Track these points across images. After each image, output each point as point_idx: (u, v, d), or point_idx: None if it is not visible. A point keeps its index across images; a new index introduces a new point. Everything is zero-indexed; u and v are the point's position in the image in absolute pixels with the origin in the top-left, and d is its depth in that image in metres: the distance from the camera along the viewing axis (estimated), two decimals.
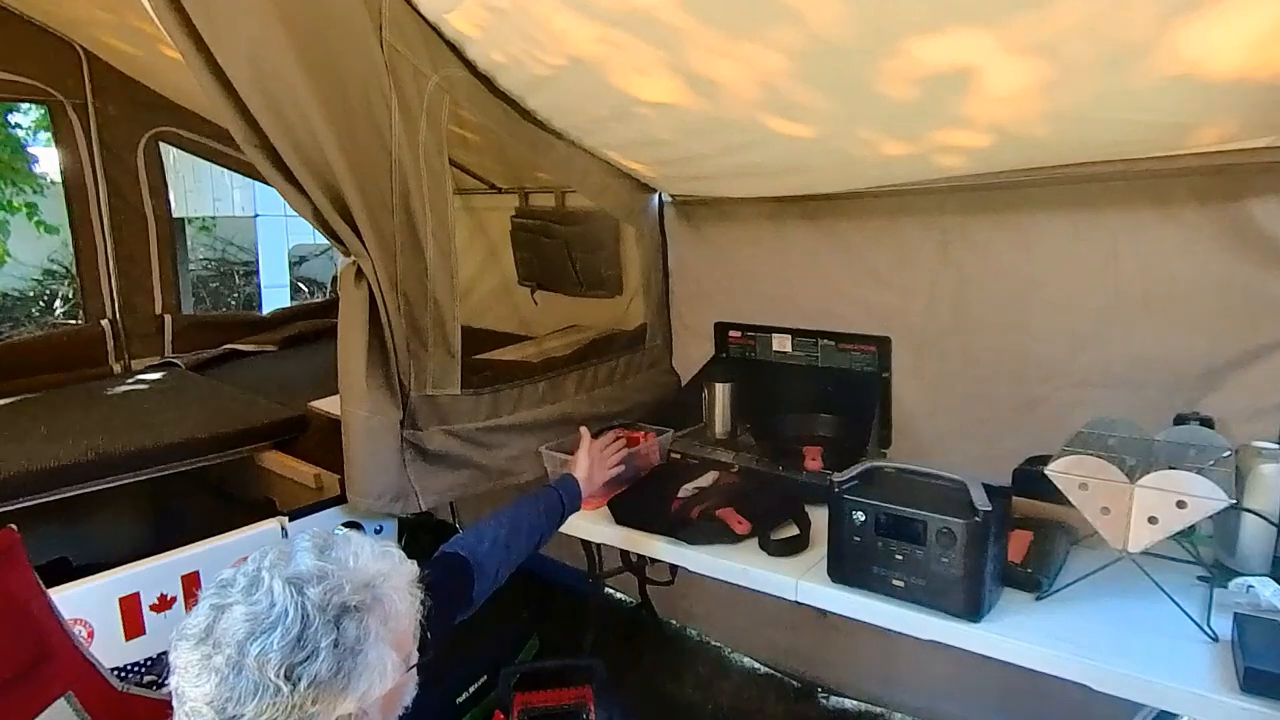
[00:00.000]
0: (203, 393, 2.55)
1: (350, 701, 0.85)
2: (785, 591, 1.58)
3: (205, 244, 8.07)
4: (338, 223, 1.63)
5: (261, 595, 0.84)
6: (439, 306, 1.78)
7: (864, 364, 2.10)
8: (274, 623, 0.82)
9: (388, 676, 0.88)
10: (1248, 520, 1.42)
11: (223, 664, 0.81)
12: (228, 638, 0.82)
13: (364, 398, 1.71)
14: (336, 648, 0.84)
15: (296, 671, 0.81)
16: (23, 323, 6.91)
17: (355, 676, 0.85)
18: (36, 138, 5.99)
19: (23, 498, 1.82)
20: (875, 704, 2.43)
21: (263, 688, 0.80)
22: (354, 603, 0.87)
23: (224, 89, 1.50)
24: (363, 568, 0.91)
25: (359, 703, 0.85)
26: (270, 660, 0.80)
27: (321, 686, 0.82)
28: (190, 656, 0.83)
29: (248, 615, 0.83)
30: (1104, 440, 1.47)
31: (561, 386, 2.14)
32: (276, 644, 0.81)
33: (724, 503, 1.79)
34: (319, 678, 0.82)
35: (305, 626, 0.83)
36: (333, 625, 0.84)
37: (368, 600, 0.89)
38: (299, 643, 0.82)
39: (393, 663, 0.89)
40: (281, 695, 0.80)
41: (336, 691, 0.83)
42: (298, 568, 0.88)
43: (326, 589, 0.86)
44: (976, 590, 1.36)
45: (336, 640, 0.84)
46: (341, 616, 0.85)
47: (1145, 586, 1.37)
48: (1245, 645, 1.22)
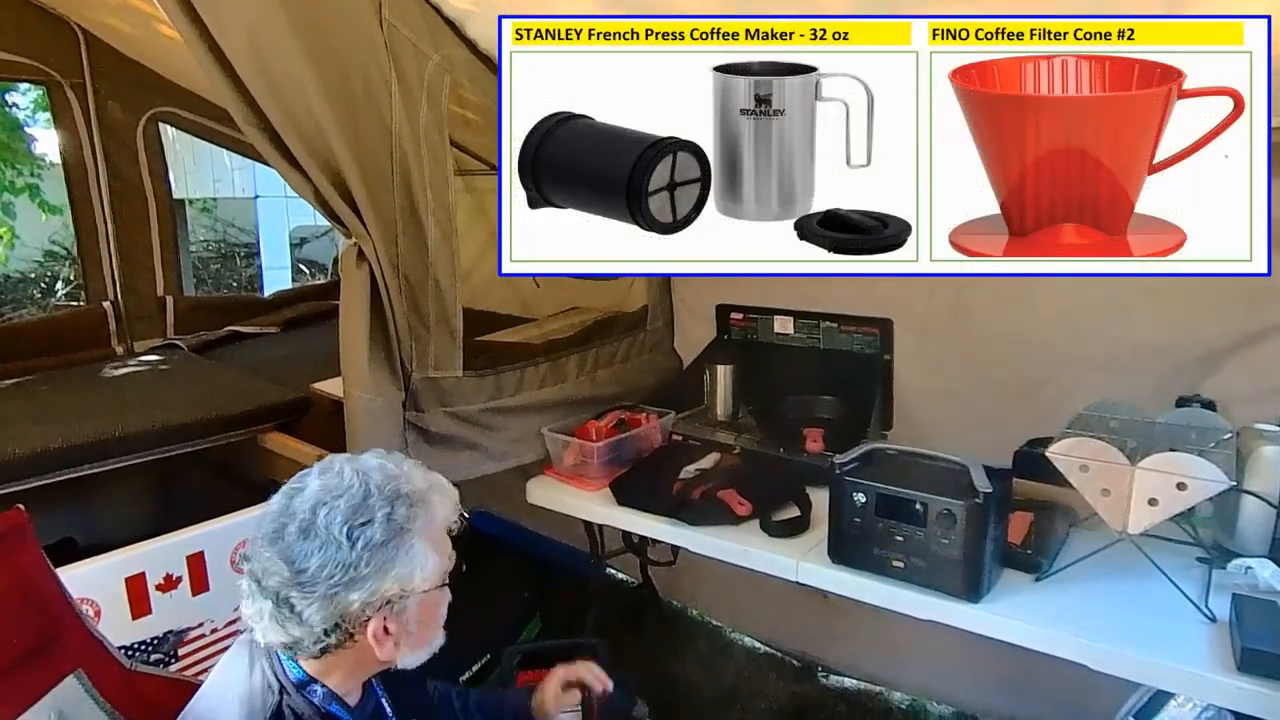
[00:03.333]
0: (205, 374, 2.55)
1: (393, 581, 0.99)
2: (786, 572, 1.59)
3: (206, 225, 8.03)
4: (338, 204, 1.63)
5: (333, 475, 1.02)
6: (440, 288, 1.78)
7: (866, 346, 2.10)
8: (341, 493, 0.99)
9: (428, 572, 1.02)
10: (1247, 502, 1.43)
11: (295, 530, 0.97)
12: (302, 509, 0.99)
13: (366, 380, 1.71)
14: (389, 522, 0.99)
15: (355, 533, 0.97)
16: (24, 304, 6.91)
17: (401, 554, 0.99)
18: (35, 119, 5.95)
19: (28, 479, 1.83)
20: (874, 683, 2.45)
21: (327, 544, 0.96)
22: (406, 492, 1.03)
23: (223, 69, 1.49)
24: (416, 476, 1.07)
25: (401, 585, 1.00)
26: (335, 521, 0.97)
27: (374, 550, 0.97)
28: (267, 529, 0.99)
29: (321, 487, 1.00)
30: (1105, 422, 1.48)
31: (563, 368, 2.14)
32: (342, 508, 0.98)
33: (725, 484, 1.79)
34: (373, 541, 0.97)
35: (366, 498, 0.99)
36: (389, 503, 1.00)
37: (418, 496, 1.04)
38: (360, 510, 0.98)
39: (433, 563, 1.03)
40: (342, 551, 0.96)
41: (385, 561, 0.98)
42: (365, 462, 1.05)
43: (387, 476, 1.03)
44: (976, 571, 1.37)
45: (390, 515, 0.99)
46: (396, 499, 1.01)
47: (1144, 568, 1.38)
48: (1243, 625, 1.23)
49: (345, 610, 0.97)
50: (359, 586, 0.97)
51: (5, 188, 5.69)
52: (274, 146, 1.58)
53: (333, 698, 1.05)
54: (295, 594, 0.96)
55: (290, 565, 0.96)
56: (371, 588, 0.98)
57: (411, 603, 1.02)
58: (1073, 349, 1.82)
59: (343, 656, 1.03)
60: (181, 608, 1.59)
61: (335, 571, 0.95)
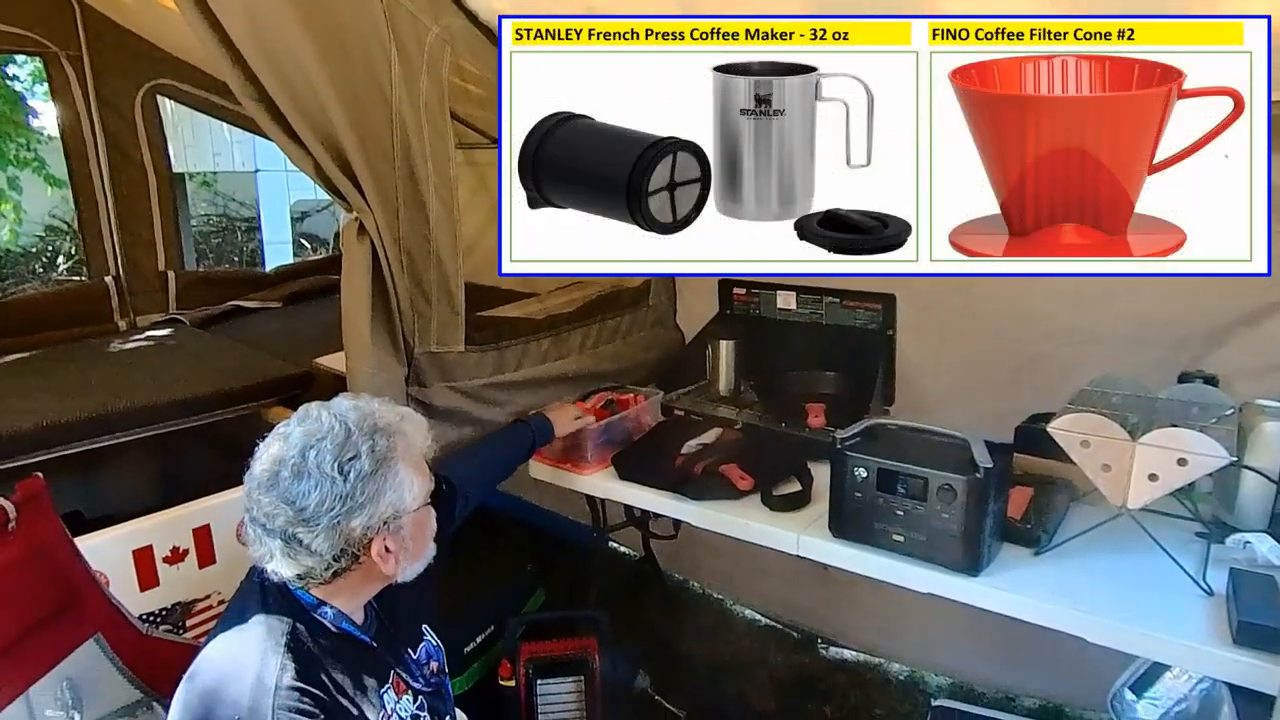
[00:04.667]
0: (209, 349, 2.56)
1: (387, 504, 1.09)
2: (787, 546, 1.60)
3: (206, 199, 8.00)
4: (339, 178, 1.62)
5: (313, 421, 1.11)
6: (442, 262, 1.77)
7: (868, 321, 2.09)
8: (324, 435, 1.08)
9: (415, 492, 1.13)
10: (1248, 477, 1.43)
11: (288, 475, 1.06)
12: (291, 454, 1.07)
13: (368, 354, 1.71)
14: (374, 453, 1.09)
15: (346, 468, 1.07)
16: (26, 279, 6.90)
17: (390, 480, 1.10)
18: (34, 91, 5.89)
19: (35, 453, 1.85)
20: (873, 654, 2.48)
21: (321, 482, 1.05)
22: (382, 424, 1.12)
23: (220, 40, 1.47)
24: (386, 410, 1.16)
25: (394, 507, 1.10)
26: (325, 460, 1.06)
27: (366, 480, 1.07)
28: (262, 477, 1.08)
29: (304, 433, 1.09)
30: (1107, 398, 1.47)
31: (566, 343, 2.14)
32: (329, 447, 1.07)
33: (727, 459, 1.80)
34: (363, 473, 1.07)
35: (349, 436, 1.09)
36: (369, 437, 1.10)
37: (393, 427, 1.13)
38: (345, 447, 1.08)
39: (416, 484, 1.14)
40: (336, 485, 1.06)
41: (376, 489, 1.08)
42: (339, 404, 1.15)
43: (362, 415, 1.12)
44: (976, 545, 1.38)
45: (373, 447, 1.09)
46: (375, 433, 1.10)
47: (1143, 542, 1.38)
48: (1239, 599, 1.24)
49: (349, 536, 1.08)
50: (358, 514, 1.07)
51: (10, 161, 5.65)
52: (273, 119, 1.56)
53: (343, 616, 1.15)
54: (301, 530, 1.06)
55: (292, 505, 1.05)
56: (369, 512, 1.08)
57: (406, 521, 1.13)
58: (1076, 324, 1.81)
59: (350, 579, 1.13)
60: (189, 580, 1.61)
61: (334, 504, 1.05)
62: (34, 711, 1.24)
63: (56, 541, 1.30)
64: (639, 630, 2.56)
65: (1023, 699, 2.24)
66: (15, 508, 1.23)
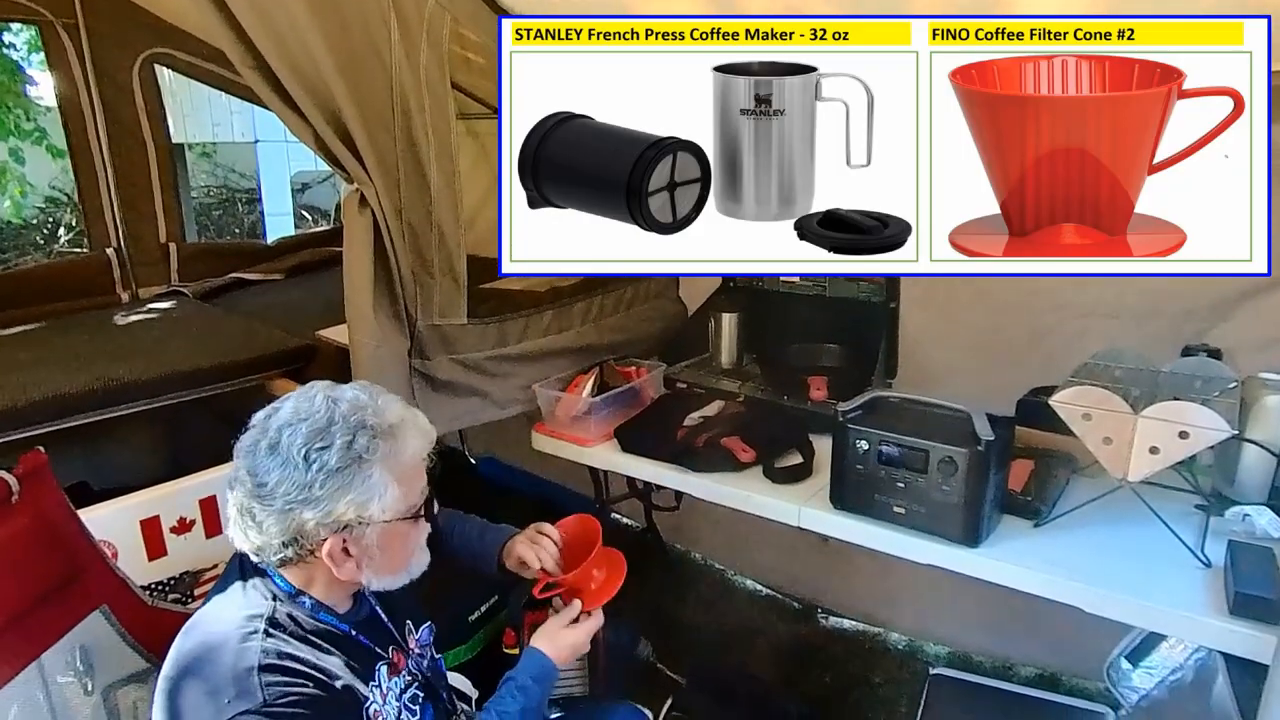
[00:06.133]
0: (212, 322, 2.56)
1: (349, 506, 1.04)
2: (788, 518, 1.61)
3: (206, 171, 7.94)
4: (339, 148, 1.60)
5: (306, 399, 1.08)
6: (444, 234, 1.76)
7: (871, 294, 2.08)
8: (307, 416, 1.05)
9: (387, 502, 1.07)
10: (1248, 450, 1.43)
11: (265, 445, 1.05)
12: (273, 427, 1.06)
13: (371, 327, 1.71)
14: (349, 449, 1.04)
15: (312, 456, 1.03)
16: (27, 251, 6.88)
17: (358, 481, 1.04)
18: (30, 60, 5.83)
19: (41, 424, 1.86)
20: (872, 624, 2.51)
21: (287, 463, 1.03)
22: (372, 424, 1.07)
23: (216, 7, 1.45)
24: (391, 410, 1.11)
25: (358, 511, 1.05)
26: (296, 442, 1.03)
27: (329, 475, 1.03)
28: (246, 441, 1.07)
29: (292, 409, 1.07)
30: (1110, 371, 1.47)
31: (568, 316, 2.14)
32: (304, 431, 1.04)
33: (729, 431, 1.81)
34: (328, 466, 1.03)
35: (330, 424, 1.05)
36: (350, 432, 1.05)
37: (384, 429, 1.08)
38: (320, 434, 1.04)
39: (393, 494, 1.07)
40: (298, 471, 1.02)
41: (339, 487, 1.03)
42: (341, 391, 1.11)
43: (355, 407, 1.08)
44: (976, 517, 1.39)
45: (351, 443, 1.04)
46: (359, 429, 1.06)
47: (1143, 515, 1.39)
48: (1236, 570, 1.25)
49: (301, 527, 1.04)
50: (313, 506, 1.03)
51: (12, 132, 5.60)
52: (271, 89, 1.54)
53: (321, 607, 1.12)
54: (256, 505, 1.04)
55: (253, 478, 1.04)
56: (326, 508, 1.03)
57: (371, 530, 1.07)
58: (1080, 296, 1.81)
59: (317, 569, 1.10)
60: (196, 549, 1.63)
61: (291, 489, 1.02)
62: (47, 678, 1.26)
63: (60, 514, 1.31)
64: (641, 600, 2.59)
65: (1020, 668, 2.27)
66: (18, 480, 1.23)
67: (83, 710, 1.32)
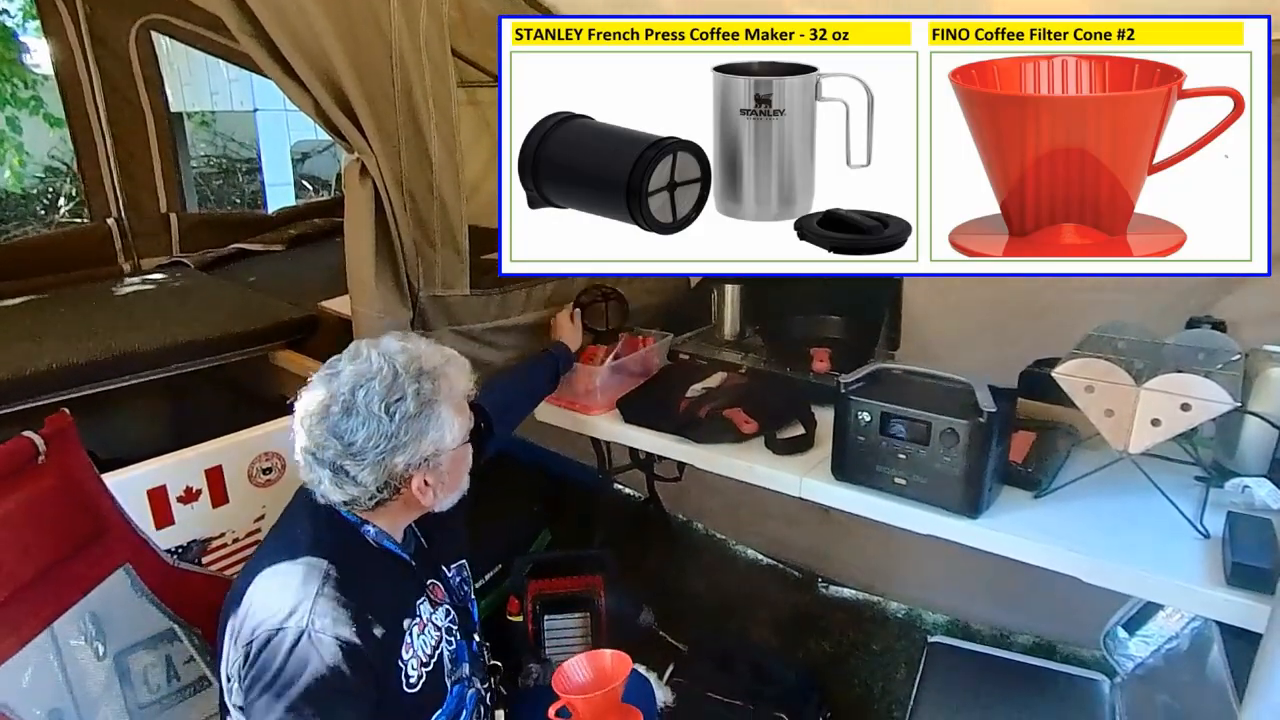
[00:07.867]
0: (215, 293, 2.56)
1: (429, 443, 1.17)
2: (790, 488, 1.62)
3: (205, 140, 7.85)
4: (338, 117, 1.59)
5: (363, 360, 1.17)
6: (445, 204, 1.75)
7: None
8: (373, 375, 1.15)
9: (455, 432, 1.20)
10: (1250, 423, 1.44)
11: (339, 411, 1.13)
12: (341, 391, 1.14)
13: (373, 298, 1.71)
14: (419, 395, 1.15)
15: (392, 409, 1.13)
16: (28, 221, 6.85)
17: (432, 421, 1.17)
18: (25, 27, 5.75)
19: (46, 395, 1.87)
20: (871, 593, 2.54)
21: (369, 420, 1.12)
22: (428, 367, 1.19)
23: None
24: (432, 353, 1.23)
25: (436, 445, 1.18)
26: (374, 400, 1.13)
27: (410, 421, 1.14)
28: (312, 408, 1.15)
29: (354, 372, 1.15)
30: (1113, 343, 1.47)
31: (570, 286, 2.13)
32: (377, 388, 1.13)
33: (732, 403, 1.81)
34: (408, 414, 1.14)
35: (396, 378, 1.15)
36: (415, 379, 1.16)
37: (437, 370, 1.20)
38: (392, 388, 1.14)
39: (457, 424, 1.21)
40: (383, 424, 1.13)
41: (420, 429, 1.15)
42: (388, 345, 1.20)
43: (410, 357, 1.18)
44: (976, 488, 1.40)
45: (419, 390, 1.16)
46: (420, 376, 1.17)
47: (1143, 486, 1.40)
48: (1235, 541, 1.26)
49: (392, 471, 1.15)
50: (402, 451, 1.14)
51: (8, 101, 5.55)
52: (270, 57, 1.52)
53: (384, 535, 1.24)
54: (349, 463, 1.13)
55: (340, 440, 1.12)
56: (412, 450, 1.15)
57: (445, 458, 1.20)
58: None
59: (391, 506, 1.22)
60: (203, 519, 1.65)
61: (380, 442, 1.13)
62: (59, 642, 1.28)
63: (85, 474, 1.35)
64: (643, 569, 2.62)
65: (1018, 636, 2.30)
66: (45, 441, 1.27)
67: (96, 675, 1.35)
